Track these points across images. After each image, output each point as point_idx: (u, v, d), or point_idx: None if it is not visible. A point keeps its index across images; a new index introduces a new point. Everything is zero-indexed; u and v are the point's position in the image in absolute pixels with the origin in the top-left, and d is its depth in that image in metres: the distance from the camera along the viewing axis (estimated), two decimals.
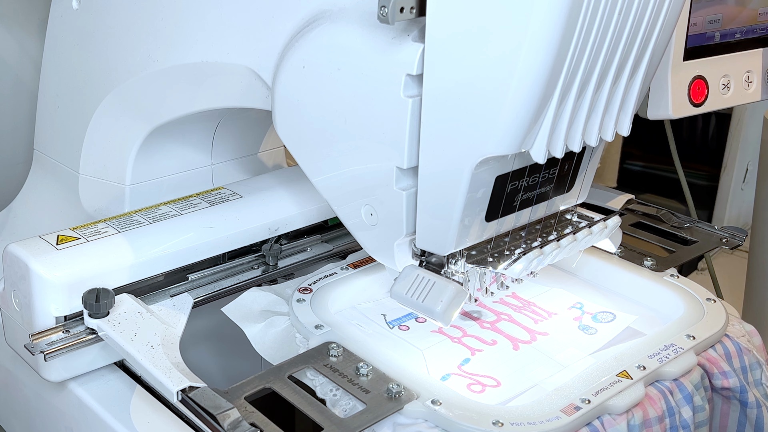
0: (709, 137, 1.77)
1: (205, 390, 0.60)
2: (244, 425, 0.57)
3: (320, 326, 0.71)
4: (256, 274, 0.81)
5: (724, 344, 0.71)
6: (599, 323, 0.77)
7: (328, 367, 0.66)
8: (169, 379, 0.61)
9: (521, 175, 0.67)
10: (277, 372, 0.65)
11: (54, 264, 0.71)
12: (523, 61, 0.55)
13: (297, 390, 0.63)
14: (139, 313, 0.69)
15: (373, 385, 0.63)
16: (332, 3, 0.66)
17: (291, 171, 0.90)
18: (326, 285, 0.77)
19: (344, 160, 0.67)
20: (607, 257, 0.84)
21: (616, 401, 0.63)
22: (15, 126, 1.09)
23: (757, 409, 0.70)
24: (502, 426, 0.60)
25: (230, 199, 0.82)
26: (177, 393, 0.60)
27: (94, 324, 0.69)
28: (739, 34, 0.89)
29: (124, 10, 0.84)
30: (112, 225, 0.76)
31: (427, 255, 0.68)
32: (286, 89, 0.69)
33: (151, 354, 0.64)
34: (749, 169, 1.61)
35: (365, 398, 0.62)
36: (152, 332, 0.67)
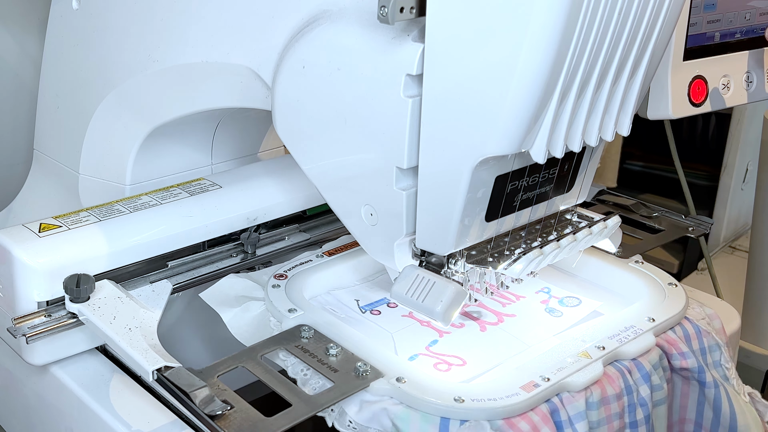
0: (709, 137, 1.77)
1: (179, 369, 0.62)
2: (215, 402, 0.59)
3: (293, 310, 0.73)
4: (234, 261, 0.83)
5: (684, 327, 0.74)
6: (565, 307, 0.79)
7: (299, 348, 0.68)
8: (145, 359, 0.63)
9: (521, 175, 0.67)
10: (249, 353, 0.67)
11: (36, 251, 0.72)
12: (523, 61, 0.55)
13: (268, 369, 0.65)
14: (118, 298, 0.71)
15: (341, 365, 0.66)
16: (332, 3, 0.66)
17: (271, 162, 0.92)
18: (301, 272, 0.80)
19: (344, 160, 0.67)
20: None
21: (574, 379, 0.65)
22: (15, 126, 1.09)
23: (715, 389, 0.72)
24: (462, 402, 0.61)
25: (210, 190, 0.84)
26: (152, 372, 0.62)
27: (75, 308, 0.71)
28: (739, 34, 0.89)
29: (124, 10, 0.84)
30: (93, 213, 0.78)
31: (427, 255, 0.68)
32: (286, 89, 0.69)
33: (129, 336, 0.66)
34: (749, 169, 1.61)
35: (333, 377, 0.64)
36: (131, 316, 0.69)
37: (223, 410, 0.59)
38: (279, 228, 0.86)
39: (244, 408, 0.60)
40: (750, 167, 1.61)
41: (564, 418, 0.63)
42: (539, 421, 0.62)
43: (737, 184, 1.61)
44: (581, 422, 0.64)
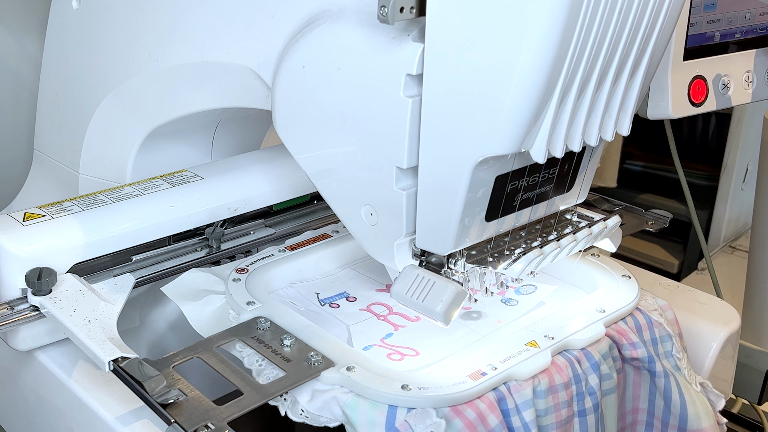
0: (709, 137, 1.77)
1: (135, 360, 0.63)
2: (169, 391, 0.61)
3: (251, 303, 0.74)
4: (199, 255, 0.83)
5: (636, 317, 0.76)
6: (521, 295, 0.80)
7: (255, 339, 0.69)
8: (102, 350, 0.65)
9: (521, 174, 0.67)
10: (206, 344, 0.69)
11: (20, 239, 0.74)
12: (523, 61, 0.55)
13: (223, 360, 0.67)
14: (80, 291, 0.73)
15: (294, 355, 0.67)
16: (332, 3, 0.66)
17: (254, 154, 0.93)
18: (263, 266, 0.81)
19: (344, 160, 0.67)
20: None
21: (521, 368, 0.66)
22: (15, 126, 1.09)
23: (665, 379, 0.73)
24: (410, 390, 0.63)
25: (192, 181, 0.85)
26: (108, 363, 0.63)
27: (37, 301, 0.72)
28: (739, 34, 0.89)
29: (124, 10, 0.84)
30: (76, 203, 0.79)
31: (427, 255, 0.68)
32: (286, 89, 0.69)
33: (87, 328, 0.68)
34: (749, 169, 1.61)
35: (286, 366, 0.66)
36: (91, 309, 0.70)
37: (176, 398, 0.61)
38: (244, 223, 0.87)
39: (196, 397, 0.62)
40: (750, 167, 1.61)
41: (511, 406, 0.65)
42: (485, 409, 0.63)
43: (737, 184, 1.61)
44: (528, 410, 0.65)
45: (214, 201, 0.84)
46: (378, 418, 0.62)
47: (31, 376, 0.78)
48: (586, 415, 0.69)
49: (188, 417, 0.59)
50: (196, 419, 0.59)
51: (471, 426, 0.62)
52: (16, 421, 0.84)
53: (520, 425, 0.65)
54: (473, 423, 0.62)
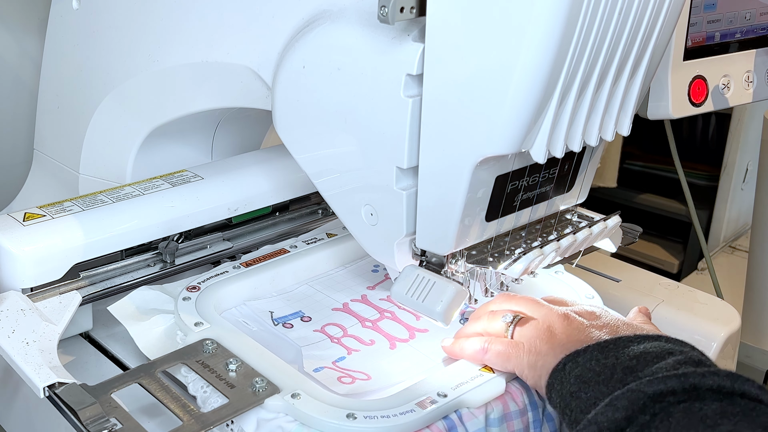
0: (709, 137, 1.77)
1: (72, 386, 0.61)
2: (105, 420, 0.58)
3: (200, 323, 0.71)
4: (152, 271, 0.80)
5: None
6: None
7: (200, 363, 0.66)
8: (37, 375, 0.62)
9: (521, 175, 0.67)
10: (149, 368, 0.66)
11: (20, 239, 0.74)
12: (523, 61, 0.55)
13: (164, 386, 0.64)
14: (21, 310, 0.70)
15: (239, 381, 0.64)
16: (332, 3, 0.66)
17: (254, 154, 0.92)
18: (215, 283, 0.78)
19: (344, 160, 0.67)
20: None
21: (473, 395, 0.64)
22: (15, 126, 1.09)
23: None
24: (355, 419, 0.61)
25: (192, 181, 0.85)
26: (43, 389, 0.61)
27: None
28: (739, 34, 0.89)
29: (124, 10, 0.84)
30: (77, 203, 0.79)
31: (427, 255, 0.68)
32: (286, 89, 0.69)
33: (24, 351, 0.65)
34: (749, 169, 1.61)
35: (229, 393, 0.63)
36: (31, 329, 0.68)
37: (110, 428, 0.58)
38: (201, 237, 0.85)
39: (132, 426, 0.58)
40: (750, 167, 1.61)
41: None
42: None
43: (737, 184, 1.61)
44: None
45: (214, 201, 0.84)
46: None
47: None
48: None
49: None
50: None
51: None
52: (16, 421, 0.84)
53: None
54: None
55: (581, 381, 0.58)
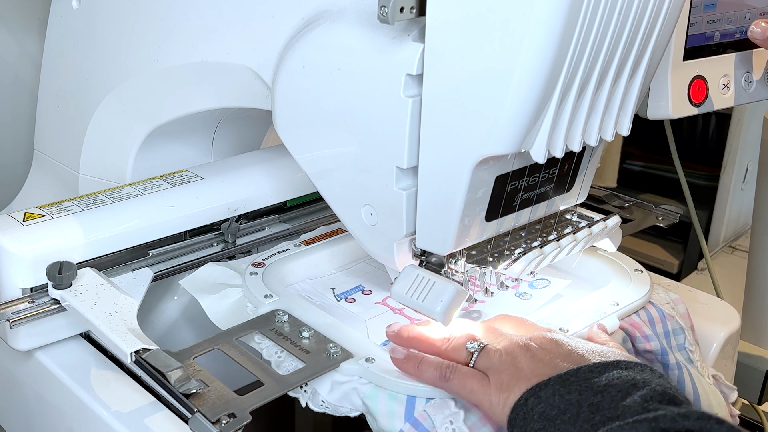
0: (709, 137, 1.77)
1: (156, 352, 0.64)
2: (190, 381, 0.62)
3: (269, 296, 0.75)
4: (215, 250, 0.84)
5: (648, 311, 0.76)
6: (534, 289, 0.81)
7: (274, 331, 0.70)
8: (123, 342, 0.65)
9: (521, 174, 0.67)
10: (225, 336, 0.70)
11: (20, 239, 0.74)
12: (523, 61, 0.55)
13: (243, 351, 0.68)
14: (99, 284, 0.73)
15: (313, 347, 0.68)
16: (332, 3, 0.66)
17: (253, 154, 0.93)
18: (279, 260, 0.81)
19: (344, 160, 0.67)
20: None
21: None
22: (15, 126, 1.09)
23: (678, 371, 0.73)
24: None
25: (192, 181, 0.85)
26: (131, 354, 0.64)
27: (58, 294, 0.72)
28: (739, 34, 0.89)
29: (124, 10, 0.84)
30: (76, 203, 0.80)
31: (427, 255, 0.68)
32: (286, 89, 0.69)
33: (108, 320, 0.68)
34: (749, 169, 1.61)
35: (305, 358, 0.66)
36: (111, 302, 0.71)
37: (198, 389, 0.61)
38: (259, 218, 0.88)
39: (218, 387, 0.62)
40: (750, 167, 1.61)
41: None
42: None
43: (737, 184, 1.61)
44: None
45: (214, 201, 0.84)
46: (397, 409, 0.63)
47: (31, 376, 0.78)
48: None
49: (211, 407, 0.60)
50: (218, 409, 0.60)
51: (488, 416, 0.62)
52: (16, 421, 0.84)
53: None
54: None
55: (545, 418, 0.57)
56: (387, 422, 0.63)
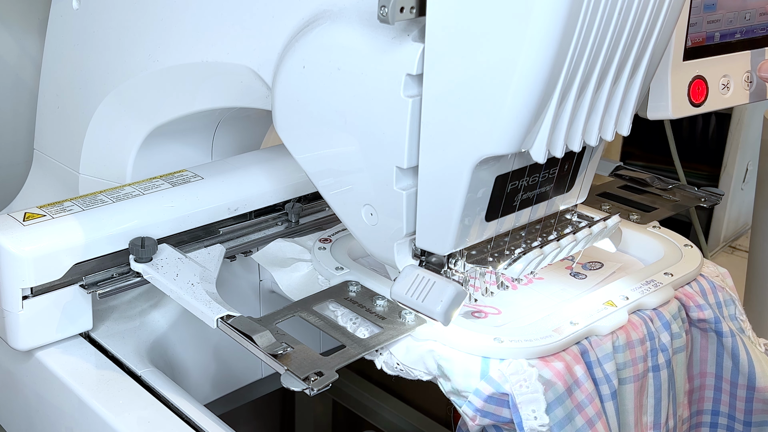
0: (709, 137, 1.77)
1: (241, 318, 0.68)
2: (277, 343, 0.65)
3: (340, 268, 0.78)
4: (279, 229, 0.88)
5: (700, 282, 0.79)
6: (588, 270, 0.82)
7: (348, 300, 0.73)
8: (209, 309, 0.69)
9: (521, 174, 0.67)
10: (302, 304, 0.73)
11: (20, 239, 0.74)
12: (523, 60, 0.55)
13: (322, 317, 0.71)
14: (178, 258, 0.78)
15: (388, 314, 0.71)
16: (332, 3, 0.66)
17: (253, 154, 0.93)
18: (345, 236, 0.84)
19: (344, 160, 0.68)
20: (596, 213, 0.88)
21: (601, 324, 0.69)
22: (15, 126, 1.09)
23: (732, 338, 0.76)
24: (502, 342, 0.66)
25: (192, 181, 0.86)
26: (216, 320, 0.68)
27: (140, 268, 0.77)
28: (739, 34, 0.89)
29: (124, 10, 0.84)
30: (77, 203, 0.80)
31: (427, 255, 0.68)
32: (286, 89, 0.69)
33: (192, 290, 0.72)
34: (749, 169, 1.61)
35: (381, 323, 0.70)
36: (192, 273, 0.75)
37: (284, 350, 0.64)
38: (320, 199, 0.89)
39: (303, 349, 0.65)
40: (750, 167, 1.61)
41: (593, 359, 0.68)
42: (571, 360, 0.66)
43: (737, 184, 1.61)
44: (609, 362, 0.68)
45: (214, 201, 0.84)
46: (472, 369, 0.65)
47: (31, 376, 0.78)
48: (659, 370, 0.72)
49: (299, 365, 0.63)
50: (306, 368, 0.63)
51: (559, 375, 0.65)
52: (16, 421, 0.84)
53: (602, 376, 0.68)
54: (561, 372, 0.65)
55: None
56: (462, 381, 0.65)
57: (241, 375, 0.93)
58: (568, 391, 0.65)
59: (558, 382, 0.65)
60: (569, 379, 0.66)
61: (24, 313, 0.74)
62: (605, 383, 0.68)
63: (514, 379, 0.64)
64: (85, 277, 0.76)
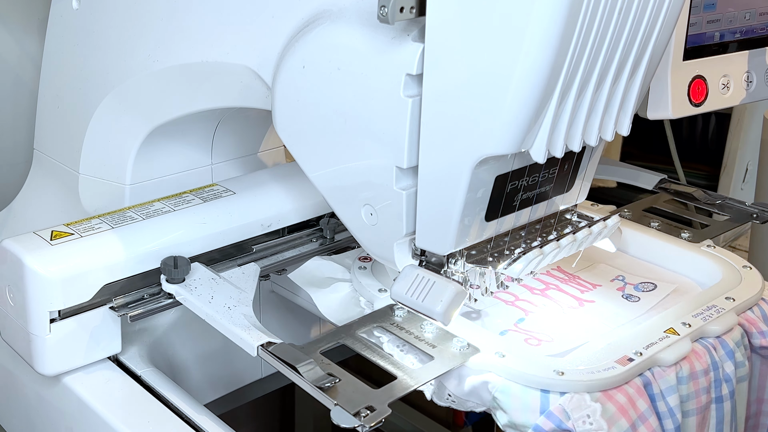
0: (709, 137, 1.77)
1: (283, 345, 0.65)
2: (323, 375, 0.62)
3: (383, 290, 0.75)
4: (314, 246, 0.85)
5: (761, 307, 0.75)
6: (641, 292, 0.80)
7: (395, 325, 0.70)
8: (249, 335, 0.67)
9: (521, 174, 0.67)
10: (347, 330, 0.70)
11: (48, 259, 0.71)
12: (523, 60, 0.55)
13: (368, 345, 0.68)
14: (212, 279, 0.74)
15: (438, 341, 0.67)
16: (332, 3, 0.66)
17: (285, 167, 0.91)
18: None
19: (344, 160, 0.67)
20: (645, 230, 0.87)
21: (665, 354, 0.66)
22: (15, 126, 1.09)
23: None
24: (562, 375, 0.63)
25: (223, 196, 0.83)
26: (257, 348, 0.65)
27: (172, 289, 0.74)
28: (739, 34, 0.89)
29: (124, 10, 0.84)
30: (105, 221, 0.77)
31: (427, 255, 0.68)
32: (286, 89, 0.69)
33: (229, 314, 0.69)
34: (749, 169, 1.61)
35: (433, 352, 0.66)
36: (227, 296, 0.72)
37: (332, 383, 0.61)
38: None
39: (351, 381, 0.62)
40: (750, 167, 1.61)
41: (656, 392, 0.65)
42: (634, 394, 0.64)
43: (737, 184, 1.61)
44: (672, 395, 0.66)
45: (248, 217, 0.82)
46: (531, 403, 0.62)
47: (31, 376, 0.77)
48: (723, 402, 0.69)
49: (348, 400, 0.60)
50: (356, 402, 0.60)
51: (623, 410, 0.62)
52: (16, 421, 0.84)
53: (666, 410, 0.65)
54: (624, 407, 0.62)
55: None
56: (520, 416, 0.62)
57: (241, 375, 0.93)
58: (633, 428, 0.62)
59: (622, 418, 0.62)
60: (633, 415, 0.63)
61: (51, 336, 0.72)
62: (669, 417, 0.65)
63: (576, 415, 0.61)
64: (114, 298, 0.73)
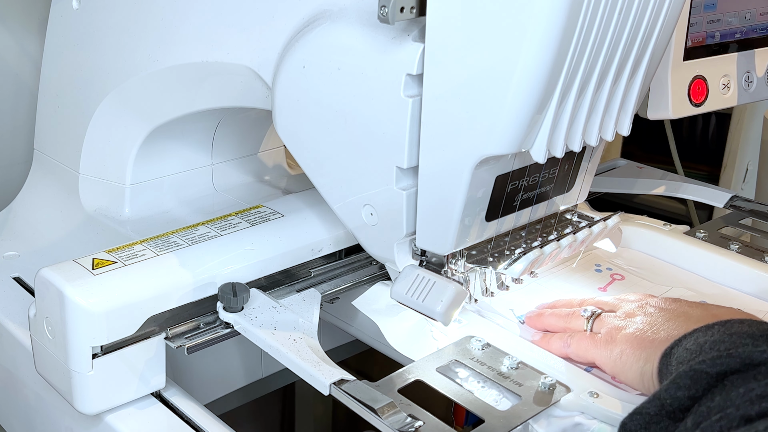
0: (709, 137, 1.77)
1: (357, 383, 0.60)
2: (404, 418, 0.58)
3: (457, 320, 0.71)
4: (373, 270, 0.79)
5: None
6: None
7: (475, 360, 0.66)
8: (319, 372, 0.62)
9: (521, 174, 0.67)
10: (425, 365, 0.65)
11: (91, 290, 0.66)
12: (524, 60, 0.55)
13: (448, 382, 0.63)
14: (272, 307, 0.70)
15: (523, 378, 0.64)
16: (332, 3, 0.66)
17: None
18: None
19: (344, 160, 0.67)
20: (726, 253, 0.83)
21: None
22: (15, 126, 1.09)
23: None
24: None
25: (271, 219, 0.78)
26: (330, 386, 0.60)
27: (231, 318, 0.69)
28: (739, 34, 0.89)
29: (124, 10, 0.84)
30: (149, 247, 0.73)
31: (428, 255, 0.68)
32: (287, 89, 0.69)
33: (296, 347, 0.65)
34: (749, 169, 1.61)
35: (519, 391, 0.62)
36: (291, 326, 0.68)
37: (414, 426, 0.57)
38: None
39: (433, 423, 0.58)
40: (750, 167, 1.61)
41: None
42: None
43: (737, 184, 1.61)
44: None
45: (297, 242, 0.77)
46: None
47: (31, 376, 0.77)
48: None
49: None
50: None
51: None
52: (16, 421, 0.84)
53: None
54: None
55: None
56: None
57: (241, 375, 0.93)
58: None
59: None
60: None
61: (93, 374, 0.66)
62: None
63: None
64: (170, 328, 0.68)
